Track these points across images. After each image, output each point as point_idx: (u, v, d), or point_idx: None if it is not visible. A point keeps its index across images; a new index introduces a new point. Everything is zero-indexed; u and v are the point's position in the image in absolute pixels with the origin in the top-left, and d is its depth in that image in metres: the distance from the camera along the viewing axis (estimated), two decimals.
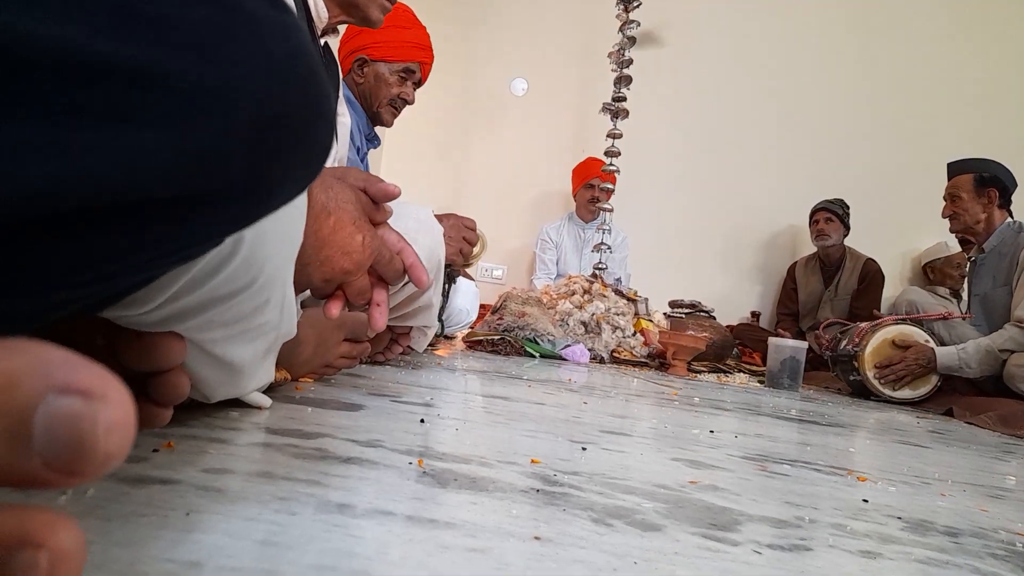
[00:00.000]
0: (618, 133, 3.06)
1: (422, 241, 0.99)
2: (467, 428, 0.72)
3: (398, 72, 1.75)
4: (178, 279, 0.36)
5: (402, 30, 1.73)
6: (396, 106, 1.78)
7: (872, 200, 3.64)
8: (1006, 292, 2.19)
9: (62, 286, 0.25)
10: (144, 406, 0.40)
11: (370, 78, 1.73)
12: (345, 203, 0.60)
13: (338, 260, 0.60)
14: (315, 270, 0.59)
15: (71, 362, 0.16)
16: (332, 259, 0.59)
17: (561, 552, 0.37)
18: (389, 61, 1.73)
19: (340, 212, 0.60)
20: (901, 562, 0.45)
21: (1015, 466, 1.04)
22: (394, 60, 1.73)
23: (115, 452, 0.16)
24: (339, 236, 0.59)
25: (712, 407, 1.32)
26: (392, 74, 1.74)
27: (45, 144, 0.19)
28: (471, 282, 1.98)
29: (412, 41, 1.74)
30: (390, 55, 1.73)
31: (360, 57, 1.71)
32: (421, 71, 1.77)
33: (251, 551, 0.31)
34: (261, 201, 0.28)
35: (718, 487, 0.59)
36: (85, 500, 0.35)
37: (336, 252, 0.60)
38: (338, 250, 0.60)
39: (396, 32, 1.72)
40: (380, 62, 1.73)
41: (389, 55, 1.72)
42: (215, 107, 0.22)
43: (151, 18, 0.20)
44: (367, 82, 1.74)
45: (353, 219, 0.60)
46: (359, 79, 1.73)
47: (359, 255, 0.61)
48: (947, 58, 3.79)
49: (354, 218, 0.61)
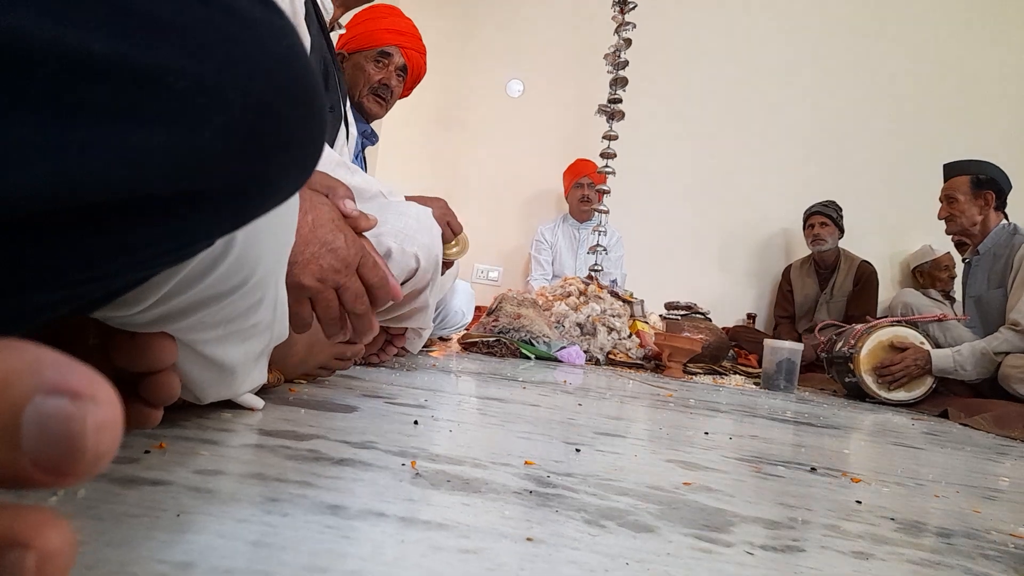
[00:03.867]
0: (614, 135, 3.06)
1: (420, 240, 0.99)
2: (461, 430, 0.72)
3: (374, 58, 1.76)
4: (170, 279, 0.36)
5: (377, 20, 1.75)
6: (381, 95, 1.77)
7: (864, 203, 3.65)
8: (1001, 294, 2.20)
9: (57, 285, 0.25)
10: (135, 407, 0.40)
11: (348, 71, 1.75)
12: (320, 204, 0.61)
13: (325, 257, 0.60)
14: (303, 269, 0.59)
15: (60, 363, 0.16)
16: (319, 256, 0.59)
17: (554, 553, 0.37)
18: (364, 49, 1.75)
19: (316, 211, 0.60)
20: (893, 563, 0.45)
21: (1009, 467, 1.04)
22: (368, 47, 1.75)
23: (104, 452, 0.16)
24: (320, 233, 0.60)
25: (707, 409, 1.32)
26: (368, 61, 1.75)
27: (41, 142, 0.19)
28: (466, 283, 1.99)
29: (386, 27, 1.76)
30: (364, 44, 1.74)
31: (339, 53, 1.72)
32: (404, 56, 1.78)
33: (244, 552, 0.31)
34: (256, 200, 0.28)
35: (712, 488, 0.59)
36: (76, 501, 0.34)
37: (321, 249, 0.60)
38: (323, 247, 0.60)
39: (369, 23, 1.75)
40: (356, 53, 1.75)
41: (363, 44, 1.75)
42: (212, 106, 0.22)
43: (148, 18, 0.20)
44: (347, 75, 1.75)
45: (331, 218, 0.61)
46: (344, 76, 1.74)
47: (345, 252, 0.61)
48: (939, 61, 3.80)
49: (332, 217, 0.61)
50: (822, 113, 3.80)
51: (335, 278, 0.61)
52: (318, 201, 0.61)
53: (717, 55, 3.81)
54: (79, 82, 0.19)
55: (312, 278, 0.60)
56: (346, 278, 0.62)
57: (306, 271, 0.59)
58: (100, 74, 0.19)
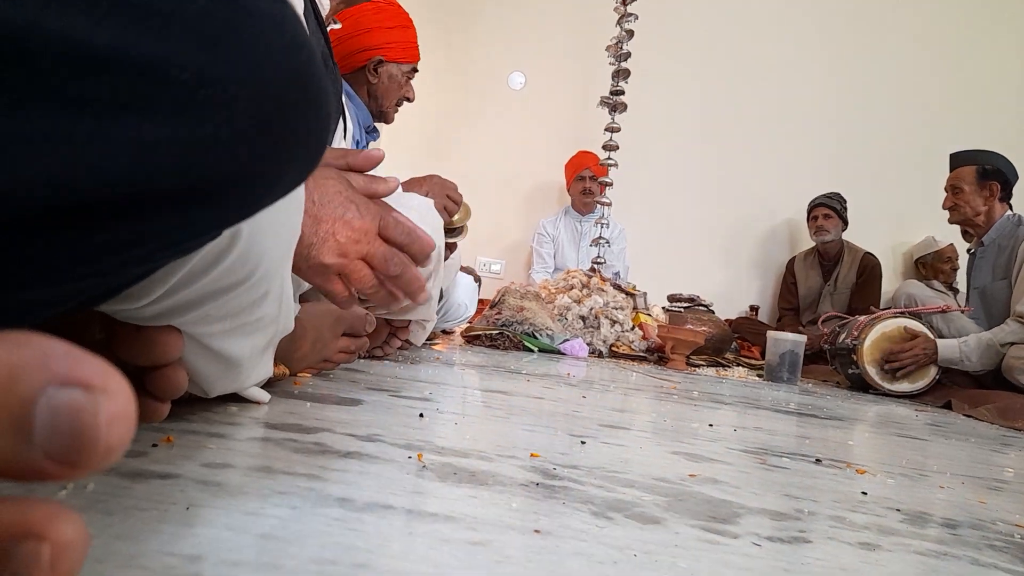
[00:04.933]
0: (616, 127, 3.05)
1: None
2: (466, 422, 0.72)
3: (407, 73, 1.77)
4: (175, 273, 0.36)
5: (406, 29, 1.74)
6: (399, 104, 1.80)
7: (869, 194, 3.65)
8: (1005, 286, 2.19)
9: (65, 279, 0.25)
10: (142, 400, 0.40)
11: (384, 78, 1.74)
12: (324, 179, 0.59)
13: (340, 231, 0.58)
14: (321, 248, 0.58)
15: (72, 354, 0.16)
16: (334, 232, 0.58)
17: (561, 545, 0.37)
18: (401, 62, 1.74)
19: (322, 188, 0.58)
20: (899, 553, 0.45)
21: (1013, 458, 1.04)
22: (405, 61, 1.75)
23: (116, 444, 0.16)
24: (330, 209, 0.58)
25: (711, 401, 1.32)
26: (403, 75, 1.76)
27: (45, 136, 0.19)
28: (470, 276, 1.98)
29: (414, 41, 1.76)
30: (402, 56, 1.73)
31: (377, 58, 1.71)
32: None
33: (252, 545, 0.31)
34: (262, 191, 0.28)
35: (717, 480, 0.59)
36: (86, 494, 0.35)
37: (335, 224, 0.58)
38: (336, 222, 0.58)
39: (403, 32, 1.73)
40: (393, 63, 1.74)
41: (401, 56, 1.73)
42: (216, 98, 0.22)
43: (152, 9, 0.20)
44: (381, 82, 1.74)
45: (338, 191, 0.59)
46: (372, 79, 1.73)
47: (360, 222, 0.59)
48: (946, 50, 3.78)
49: (339, 190, 0.59)
50: (827, 103, 3.79)
51: (357, 248, 0.59)
52: (323, 176, 0.59)
53: (720, 46, 3.79)
54: (82, 75, 0.19)
55: (333, 255, 0.58)
56: (369, 246, 0.60)
57: (324, 249, 0.58)
58: (104, 67, 0.19)
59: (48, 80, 0.18)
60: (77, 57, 0.19)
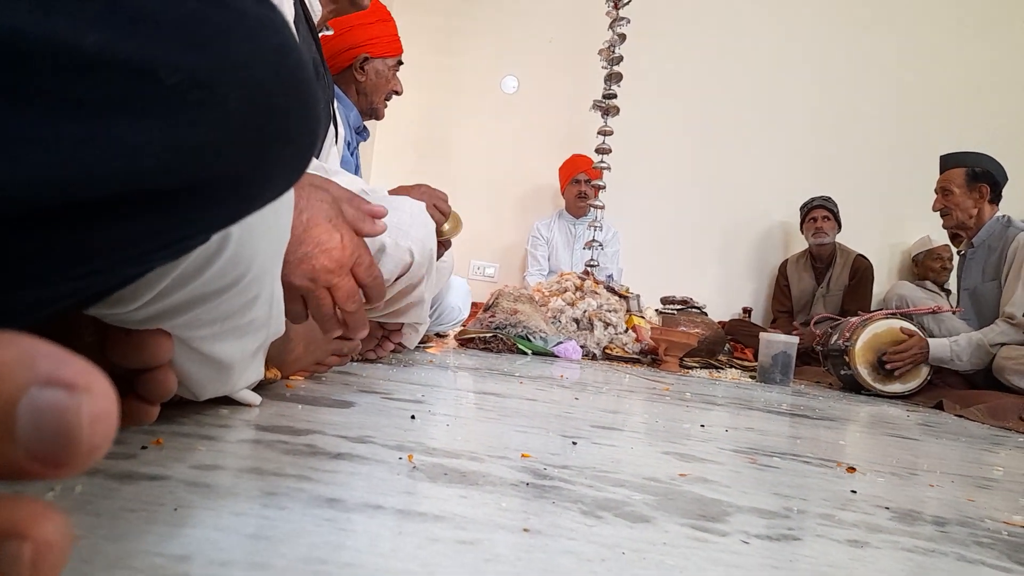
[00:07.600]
0: (609, 130, 3.06)
1: (415, 234, 0.99)
2: (458, 424, 0.72)
3: (392, 67, 1.78)
4: (165, 276, 0.36)
5: (386, 23, 1.75)
6: (388, 98, 1.82)
7: (860, 196, 3.66)
8: (995, 287, 2.21)
9: (52, 281, 0.25)
10: (131, 403, 0.40)
11: (371, 75, 1.75)
12: (319, 202, 0.60)
13: (318, 257, 0.60)
14: (295, 268, 0.59)
15: (55, 355, 0.16)
16: (312, 256, 0.59)
17: (551, 543, 0.37)
18: (385, 57, 1.75)
19: (313, 210, 0.60)
20: (888, 550, 0.45)
21: (1003, 457, 1.05)
22: (389, 55, 1.76)
23: (99, 444, 0.16)
24: (314, 233, 0.59)
25: (703, 402, 1.33)
26: (389, 69, 1.78)
27: (34, 137, 0.19)
28: (463, 279, 1.99)
29: (395, 33, 1.78)
30: (386, 51, 1.75)
31: (363, 55, 1.72)
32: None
33: (241, 545, 0.32)
34: (251, 194, 0.28)
35: (708, 479, 0.59)
36: (74, 496, 0.34)
37: (315, 249, 0.59)
38: (316, 247, 0.59)
39: (384, 26, 1.74)
40: (379, 59, 1.75)
41: (386, 51, 1.75)
42: (206, 100, 0.22)
43: (141, 12, 0.20)
44: (369, 80, 1.75)
45: (328, 217, 0.60)
46: (360, 76, 1.74)
47: (339, 252, 0.61)
48: (936, 53, 3.81)
49: (329, 216, 0.60)
50: (818, 106, 3.81)
51: (327, 278, 0.61)
52: (316, 198, 0.60)
53: (712, 49, 3.80)
54: (72, 77, 0.19)
55: (303, 278, 0.60)
56: (339, 278, 0.62)
57: (297, 271, 0.59)
58: (93, 69, 0.19)
59: (39, 82, 0.18)
60: (68, 59, 0.19)
